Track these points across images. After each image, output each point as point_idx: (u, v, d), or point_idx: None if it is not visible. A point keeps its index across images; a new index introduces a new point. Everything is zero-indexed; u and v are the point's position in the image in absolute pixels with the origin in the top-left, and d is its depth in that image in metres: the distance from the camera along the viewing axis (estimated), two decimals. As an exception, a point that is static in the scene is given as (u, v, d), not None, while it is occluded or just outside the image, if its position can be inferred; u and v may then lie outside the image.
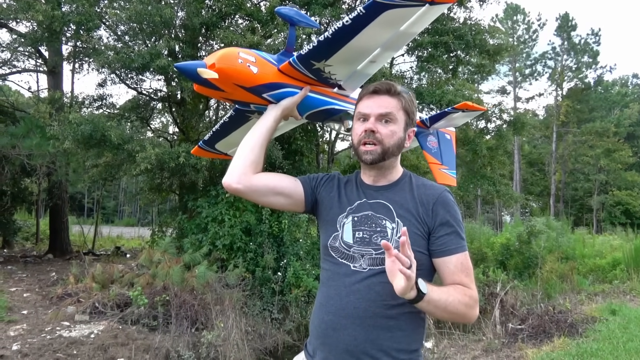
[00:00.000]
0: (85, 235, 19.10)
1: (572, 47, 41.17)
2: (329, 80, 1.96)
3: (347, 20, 1.66)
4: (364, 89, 1.80)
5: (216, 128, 2.34)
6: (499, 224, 30.35)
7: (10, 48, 14.80)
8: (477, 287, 8.96)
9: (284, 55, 1.99)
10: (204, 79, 1.78)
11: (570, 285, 12.13)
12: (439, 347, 7.41)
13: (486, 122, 13.36)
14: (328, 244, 1.78)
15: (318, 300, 1.80)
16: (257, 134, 1.87)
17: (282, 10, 2.00)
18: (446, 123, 2.60)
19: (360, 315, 1.65)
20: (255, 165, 1.82)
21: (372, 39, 1.76)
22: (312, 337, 1.80)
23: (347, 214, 1.78)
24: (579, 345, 6.87)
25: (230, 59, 1.79)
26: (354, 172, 1.94)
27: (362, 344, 1.64)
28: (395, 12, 1.58)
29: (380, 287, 1.64)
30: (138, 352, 6.70)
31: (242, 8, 10.75)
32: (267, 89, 1.87)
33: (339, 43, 1.76)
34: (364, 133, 1.73)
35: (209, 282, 8.32)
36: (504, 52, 13.69)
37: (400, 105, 1.75)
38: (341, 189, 1.86)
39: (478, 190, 14.68)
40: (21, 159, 11.71)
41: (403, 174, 1.85)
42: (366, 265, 1.68)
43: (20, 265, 13.14)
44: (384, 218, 1.72)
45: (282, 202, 1.88)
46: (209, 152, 2.52)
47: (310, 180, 1.90)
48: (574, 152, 39.08)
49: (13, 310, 8.35)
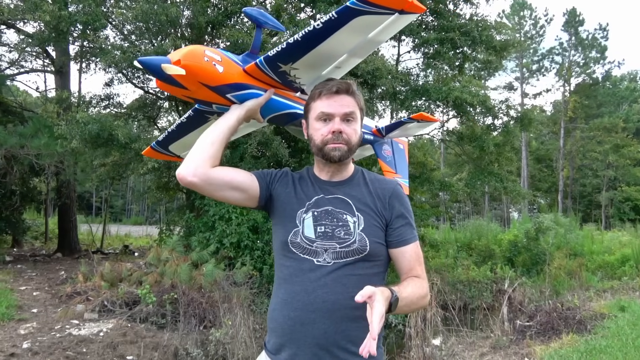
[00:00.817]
0: (94, 234, 19.21)
1: (579, 42, 40.88)
2: (293, 84, 1.95)
3: (318, 23, 1.66)
4: (320, 87, 1.81)
5: (172, 129, 2.26)
6: (507, 221, 30.27)
7: (18, 48, 14.90)
8: (485, 284, 8.94)
9: (249, 57, 1.97)
10: (167, 75, 1.73)
11: (579, 281, 12.08)
12: (446, 344, 7.40)
13: (493, 118, 13.29)
14: (288, 240, 1.78)
15: (280, 297, 1.79)
16: (219, 131, 1.83)
17: (248, 11, 1.98)
18: (401, 132, 2.64)
19: (329, 308, 1.69)
20: (213, 160, 1.77)
21: (340, 44, 1.76)
22: (275, 335, 1.79)
23: (306, 209, 1.80)
24: (588, 342, 6.84)
25: (196, 57, 1.76)
26: (304, 168, 1.97)
27: (332, 336, 1.69)
28: (366, 18, 1.60)
29: (347, 279, 1.70)
30: (147, 349, 6.73)
31: (248, 6, 10.76)
32: (232, 89, 1.85)
33: (308, 46, 1.75)
34: (331, 135, 1.77)
35: (217, 280, 8.35)
36: (510, 48, 13.62)
37: (357, 103, 1.82)
38: (296, 185, 1.87)
39: (485, 187, 14.63)
40: (30, 158, 11.79)
41: (355, 169, 1.92)
42: (330, 259, 1.72)
43: (30, 264, 13.25)
44: (344, 212, 1.78)
45: (237, 196, 1.85)
46: (162, 154, 2.43)
47: (264, 176, 1.89)
48: (582, 148, 38.83)
49: (23, 309, 8.42)
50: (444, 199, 25.96)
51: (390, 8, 1.55)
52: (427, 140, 30.07)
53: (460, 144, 14.29)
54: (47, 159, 11.65)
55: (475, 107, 12.13)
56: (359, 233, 1.74)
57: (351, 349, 1.68)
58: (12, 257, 14.17)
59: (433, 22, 12.85)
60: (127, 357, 6.50)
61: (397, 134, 2.63)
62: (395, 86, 11.37)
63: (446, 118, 14.99)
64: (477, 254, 14.66)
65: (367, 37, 1.74)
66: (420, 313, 7.05)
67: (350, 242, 1.73)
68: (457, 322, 7.89)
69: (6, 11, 11.20)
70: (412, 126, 2.58)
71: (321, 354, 1.69)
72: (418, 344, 6.79)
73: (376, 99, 12.40)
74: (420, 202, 15.06)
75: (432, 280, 7.94)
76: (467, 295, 11.57)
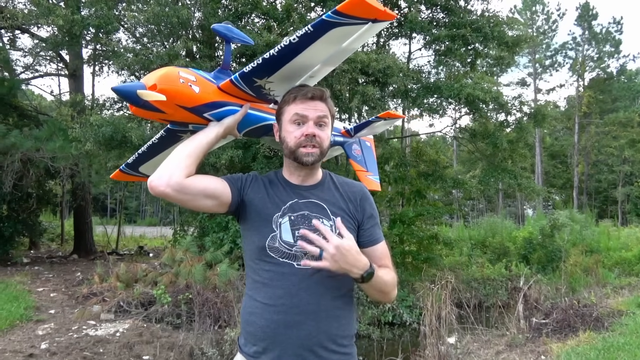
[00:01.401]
0: (109, 235, 19.38)
1: (593, 37, 40.43)
2: (267, 96, 1.96)
3: (295, 38, 1.67)
4: (295, 92, 1.84)
5: (142, 150, 2.20)
6: (521, 218, 30.03)
7: (33, 53, 15.10)
8: (500, 281, 8.88)
9: (221, 73, 1.97)
10: (144, 101, 1.70)
11: (595, 278, 11.96)
12: (461, 342, 7.35)
13: (506, 115, 13.17)
14: (266, 245, 1.79)
15: (259, 301, 1.79)
16: (196, 145, 1.81)
17: (215, 27, 1.97)
18: (368, 131, 2.68)
19: (314, 310, 1.74)
20: (188, 171, 1.73)
21: (315, 55, 1.77)
22: (255, 339, 1.79)
23: (282, 214, 1.82)
24: (605, 339, 6.76)
25: (172, 80, 1.73)
26: (271, 172, 1.98)
27: (316, 336, 1.74)
28: (341, 29, 1.63)
29: (328, 280, 1.76)
30: (163, 349, 6.78)
31: (258, 7, 10.79)
32: (209, 108, 1.83)
33: (284, 60, 1.76)
34: (304, 137, 1.80)
35: (231, 280, 8.39)
36: (523, 43, 13.48)
37: (330, 110, 1.87)
38: (268, 189, 1.88)
39: (499, 184, 14.53)
40: (45, 161, 11.93)
41: (324, 173, 1.97)
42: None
43: (47, 266, 13.42)
44: (320, 216, 1.82)
45: (209, 204, 1.82)
46: (131, 176, 2.37)
47: (235, 181, 1.88)
48: (597, 143, 38.41)
49: (41, 310, 8.53)
50: (457, 197, 25.82)
51: (364, 18, 1.59)
52: (440, 137, 30.01)
53: (473, 141, 14.19)
54: (62, 161, 11.78)
55: (487, 104, 12.03)
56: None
57: (331, 347, 1.76)
58: (29, 259, 14.37)
59: (444, 18, 12.78)
60: (144, 357, 6.55)
61: (365, 133, 2.69)
62: (406, 84, 11.32)
63: (458, 115, 14.91)
64: (491, 251, 14.58)
65: (341, 46, 1.77)
66: (435, 311, 7.02)
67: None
68: (472, 320, 7.83)
69: (20, 16, 11.33)
70: (379, 124, 2.63)
71: (305, 354, 1.73)
72: (433, 342, 6.75)
73: (388, 98, 12.36)
74: (433, 200, 15.00)
75: (447, 278, 7.89)
76: (482, 293, 11.51)
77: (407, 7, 12.59)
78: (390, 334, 9.23)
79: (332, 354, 1.76)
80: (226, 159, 9.00)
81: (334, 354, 1.77)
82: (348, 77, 10.08)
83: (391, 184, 13.25)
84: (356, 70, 9.65)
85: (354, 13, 1.56)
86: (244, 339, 1.84)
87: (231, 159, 9.24)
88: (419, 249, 12.34)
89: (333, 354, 1.77)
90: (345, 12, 1.55)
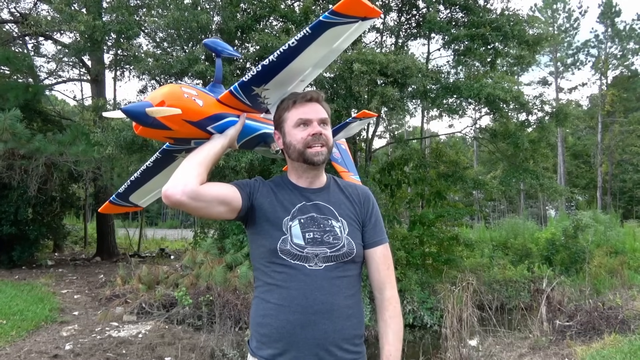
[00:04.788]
0: (131, 237, 19.64)
1: (616, 34, 39.66)
2: (262, 105, 1.97)
3: (293, 41, 1.68)
4: (293, 97, 1.88)
5: (134, 177, 2.15)
6: (544, 219, 29.59)
7: (56, 59, 15.39)
8: (522, 283, 8.78)
9: (214, 86, 1.99)
10: (152, 120, 1.70)
11: (621, 280, 11.71)
12: (483, 345, 7.28)
13: (527, 114, 12.97)
14: (277, 247, 1.80)
15: (273, 303, 1.80)
16: (204, 155, 1.81)
17: (206, 42, 2.03)
18: (345, 133, 2.72)
19: (327, 309, 1.78)
20: (201, 179, 1.74)
21: (309, 58, 1.79)
22: (270, 340, 1.79)
23: (291, 217, 1.85)
24: (632, 342, 6.62)
25: (177, 95, 1.75)
26: (277, 177, 2.00)
27: (331, 335, 1.78)
28: (335, 29, 1.66)
29: (339, 281, 1.81)
30: (184, 351, 6.84)
31: (277, 10, 10.83)
32: (212, 121, 1.85)
33: (282, 65, 1.78)
34: (311, 137, 1.84)
35: (251, 282, 8.42)
36: (544, 42, 13.27)
37: (327, 112, 1.93)
38: (276, 193, 1.90)
39: (521, 185, 14.33)
40: (68, 165, 12.13)
41: (328, 176, 2.01)
42: (322, 263, 1.80)
43: (70, 268, 13.65)
44: (328, 218, 1.87)
45: (222, 210, 1.83)
46: (121, 207, 2.34)
47: (244, 186, 1.89)
48: (622, 142, 37.67)
49: (65, 312, 8.68)
50: (477, 198, 25.57)
51: (355, 16, 1.63)
52: (460, 138, 29.75)
53: (494, 141, 14.01)
54: (85, 165, 11.97)
55: (508, 104, 11.87)
56: (345, 237, 1.85)
57: (345, 346, 1.81)
58: (53, 262, 14.63)
59: (463, 18, 12.66)
60: (165, 358, 6.62)
61: (342, 136, 2.73)
62: (425, 84, 11.24)
63: (478, 115, 14.74)
64: (513, 253, 14.39)
65: (332, 47, 1.79)
66: (456, 313, 6.96)
67: (339, 246, 1.82)
68: (494, 322, 7.75)
69: (44, 23, 11.57)
70: (355, 125, 2.68)
71: (322, 354, 1.76)
72: (454, 344, 6.69)
73: (407, 98, 12.29)
74: (453, 201, 14.86)
75: (468, 279, 7.82)
76: (503, 295, 11.36)
77: (425, 7, 12.51)
78: (411, 336, 9.17)
79: (346, 353, 1.81)
80: (246, 162, 9.04)
81: (348, 353, 1.81)
82: (367, 79, 10.06)
83: (411, 185, 13.16)
84: (375, 71, 9.62)
85: (349, 12, 1.60)
86: (256, 341, 1.84)
87: (251, 162, 9.28)
88: (439, 250, 12.24)
89: (347, 353, 1.81)
90: (341, 11, 1.59)
